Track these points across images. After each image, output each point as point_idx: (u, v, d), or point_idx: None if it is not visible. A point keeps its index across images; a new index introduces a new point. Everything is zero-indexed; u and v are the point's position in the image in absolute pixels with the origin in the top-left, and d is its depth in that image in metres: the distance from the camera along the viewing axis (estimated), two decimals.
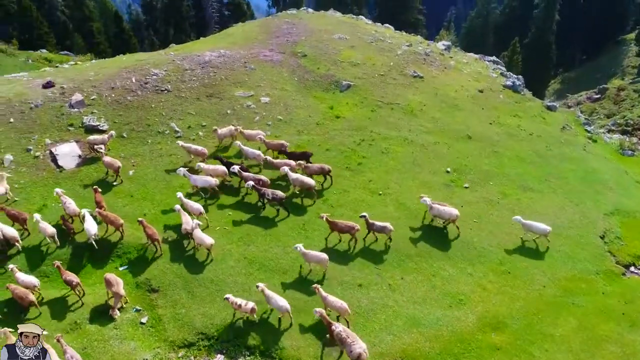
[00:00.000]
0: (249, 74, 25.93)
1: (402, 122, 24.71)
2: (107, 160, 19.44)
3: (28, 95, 22.62)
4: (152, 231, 16.40)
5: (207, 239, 16.30)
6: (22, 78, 24.96)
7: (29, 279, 14.97)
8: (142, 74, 24.49)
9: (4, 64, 44.14)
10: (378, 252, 17.20)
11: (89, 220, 16.62)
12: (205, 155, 20.34)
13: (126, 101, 22.94)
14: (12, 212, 16.95)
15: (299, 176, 19.12)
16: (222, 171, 19.38)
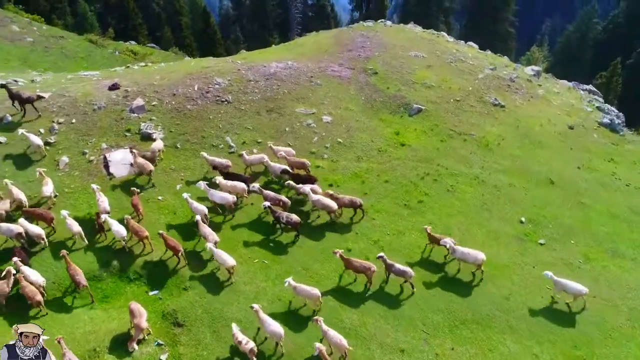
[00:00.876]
0: (314, 90, 24.54)
1: (475, 156, 22.20)
2: (139, 162, 18.92)
3: (93, 96, 22.69)
4: (174, 243, 15.83)
5: (229, 260, 15.44)
6: (92, 77, 25.26)
7: (35, 276, 14.57)
8: (205, 82, 23.86)
9: (93, 55, 45.95)
10: (429, 312, 15.13)
11: (114, 224, 16.21)
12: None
13: (185, 110, 22.37)
14: (38, 212, 16.70)
15: (321, 198, 17.77)
16: (242, 188, 18.19)
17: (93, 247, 16.54)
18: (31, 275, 14.58)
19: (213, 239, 16.17)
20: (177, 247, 15.83)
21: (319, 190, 18.49)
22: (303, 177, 18.99)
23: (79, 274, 14.81)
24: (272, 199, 17.74)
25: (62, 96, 22.64)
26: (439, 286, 16.06)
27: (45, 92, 22.83)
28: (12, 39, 41.37)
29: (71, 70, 41.01)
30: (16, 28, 43.20)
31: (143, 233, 16.19)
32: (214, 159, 19.48)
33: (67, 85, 23.80)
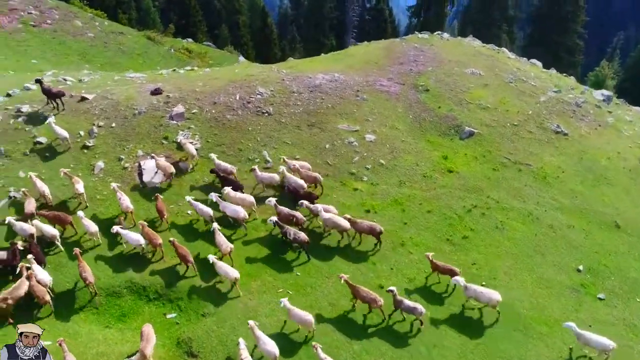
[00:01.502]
0: (359, 105, 23.28)
1: (530, 190, 20.22)
2: (161, 164, 18.66)
3: (136, 100, 22.48)
4: (184, 252, 15.51)
5: (231, 272, 15.04)
6: (138, 80, 25.15)
7: (44, 275, 14.48)
8: (248, 91, 23.14)
9: (150, 52, 46.61)
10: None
11: (129, 234, 15.97)
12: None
13: (225, 120, 21.72)
14: (55, 215, 16.51)
15: (332, 216, 16.85)
16: (250, 202, 17.57)
17: (115, 261, 16.09)
18: (39, 273, 14.48)
19: (227, 247, 15.79)
20: (187, 257, 15.48)
21: (333, 210, 17.59)
22: (301, 195, 18.01)
23: (87, 271, 14.74)
24: (285, 216, 16.96)
25: (106, 98, 22.57)
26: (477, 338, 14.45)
27: (90, 94, 22.87)
28: (74, 33, 42.58)
29: (127, 66, 41.86)
30: (79, 23, 44.46)
31: (157, 240, 15.91)
32: (220, 163, 19.04)
33: (112, 87, 23.75)
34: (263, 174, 18.85)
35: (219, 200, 17.40)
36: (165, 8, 78.31)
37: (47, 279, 14.51)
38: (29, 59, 35.50)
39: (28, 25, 40.51)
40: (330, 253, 16.88)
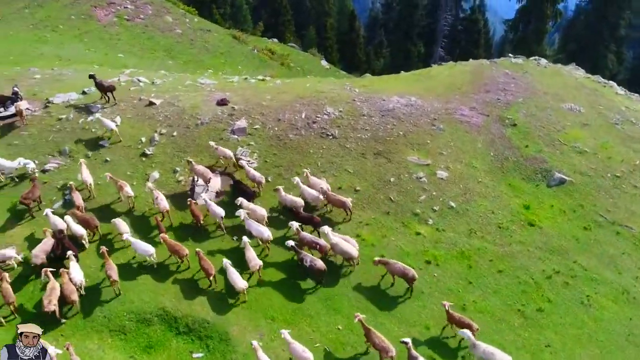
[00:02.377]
0: (434, 136, 21.04)
1: (629, 260, 17.00)
2: (199, 169, 18.17)
3: (200, 109, 21.89)
4: (208, 265, 15.11)
5: (239, 282, 14.79)
6: (207, 87, 24.63)
7: (77, 274, 14.58)
8: (315, 110, 21.74)
9: (233, 51, 46.96)
10: None
11: (136, 243, 15.73)
12: (262, 184, 18.44)
13: (287, 139, 20.49)
14: (85, 217, 16.67)
15: (340, 242, 15.74)
16: (261, 215, 16.94)
17: (150, 284, 15.35)
18: (73, 271, 14.61)
19: (256, 264, 15.34)
20: (210, 270, 15.03)
21: (352, 242, 16.30)
22: (304, 217, 16.90)
23: (112, 269, 14.74)
24: (308, 242, 15.95)
25: (172, 105, 22.21)
26: None
27: (158, 98, 22.64)
28: (163, 29, 43.72)
29: (209, 64, 42.31)
30: (170, 19, 45.67)
31: (183, 251, 15.57)
32: (226, 151, 19.03)
33: (181, 94, 23.39)
34: (287, 196, 17.60)
35: (245, 217, 16.58)
36: (257, 5, 79.58)
37: (78, 278, 14.55)
38: (116, 53, 36.69)
39: (122, 19, 42.08)
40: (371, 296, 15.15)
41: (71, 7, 40.01)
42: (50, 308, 13.71)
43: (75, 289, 14.29)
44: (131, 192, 17.47)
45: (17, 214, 17.42)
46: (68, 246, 15.43)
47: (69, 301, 14.11)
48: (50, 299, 13.78)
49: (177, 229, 17.26)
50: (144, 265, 15.92)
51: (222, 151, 19.21)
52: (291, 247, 15.75)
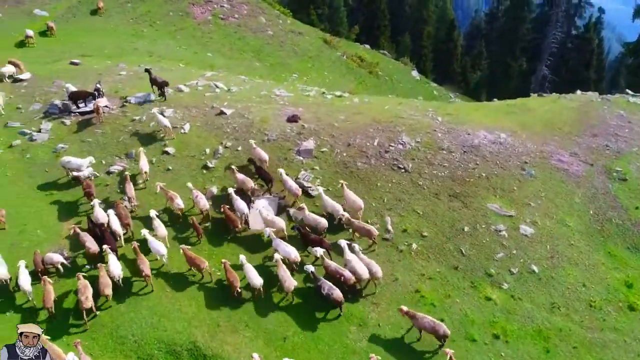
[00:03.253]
0: (522, 182, 18.31)
1: None
2: (239, 177, 17.79)
3: (269, 124, 20.91)
4: (233, 277, 14.74)
5: (255, 279, 14.66)
6: (281, 100, 23.60)
7: (115, 267, 14.68)
8: (389, 137, 19.87)
9: (321, 55, 46.13)
10: None
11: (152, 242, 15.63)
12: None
13: (353, 167, 18.86)
14: (120, 211, 16.74)
15: (354, 260, 14.94)
16: (280, 226, 16.31)
17: (186, 314, 14.51)
18: (112, 265, 14.73)
19: (291, 285, 14.61)
20: (235, 283, 14.68)
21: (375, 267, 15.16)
22: (314, 239, 15.83)
23: (144, 264, 14.88)
24: (332, 272, 14.84)
25: (242, 117, 21.45)
26: None
27: (230, 108, 22.02)
28: (255, 30, 43.80)
29: (295, 68, 41.74)
30: (263, 20, 45.73)
31: (202, 264, 15.13)
32: (257, 150, 18.75)
33: (253, 105, 22.59)
34: (310, 215, 16.59)
35: (273, 236, 15.87)
36: (355, 8, 78.53)
37: (117, 271, 14.67)
38: (206, 52, 37.11)
39: (217, 17, 42.67)
40: None
41: (171, 3, 41.18)
42: (87, 305, 13.84)
43: (110, 284, 14.39)
44: (182, 205, 17.13)
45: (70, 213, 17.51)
46: (108, 240, 15.57)
47: (102, 293, 14.24)
48: (87, 295, 13.91)
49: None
50: (183, 290, 15.15)
51: (259, 153, 18.78)
52: (311, 272, 14.72)
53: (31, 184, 19.01)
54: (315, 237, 15.99)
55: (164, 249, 15.48)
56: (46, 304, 14.04)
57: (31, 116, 22.53)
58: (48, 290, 14.14)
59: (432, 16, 75.14)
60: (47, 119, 22.15)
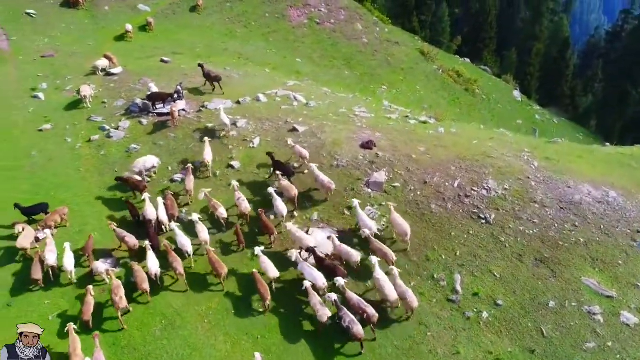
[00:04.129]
0: (630, 256, 15.11)
1: None
2: (283, 184, 17.11)
3: (341, 148, 19.42)
4: (264, 289, 14.17)
5: (271, 271, 14.54)
6: (359, 120, 22.02)
7: (153, 263, 14.61)
8: (472, 179, 17.50)
9: (416, 68, 44.10)
10: None
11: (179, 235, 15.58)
12: (331, 190, 17.22)
13: (426, 210, 16.79)
14: (167, 201, 16.95)
15: (384, 279, 13.90)
16: (306, 243, 15.34)
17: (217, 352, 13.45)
18: (150, 260, 14.70)
19: (324, 314, 13.50)
20: (266, 294, 14.12)
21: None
22: (328, 265, 14.66)
23: (177, 261, 14.78)
24: (354, 305, 13.59)
25: (314, 136, 20.18)
26: None
27: (303, 125, 20.87)
28: (350, 37, 42.55)
29: (386, 80, 39.93)
30: (359, 27, 44.29)
31: (222, 270, 14.70)
32: (297, 148, 18.53)
33: (329, 123, 21.22)
34: (343, 246, 15.23)
35: (298, 258, 15.09)
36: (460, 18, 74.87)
37: (154, 268, 14.57)
38: (295, 57, 36.48)
39: (313, 22, 41.94)
40: None
41: (269, 5, 41.05)
42: (123, 304, 13.68)
43: (146, 278, 14.32)
44: (225, 214, 16.66)
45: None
46: (152, 237, 15.65)
47: (140, 288, 14.19)
48: (120, 295, 13.72)
49: None
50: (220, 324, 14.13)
51: (299, 150, 18.56)
52: (334, 302, 13.62)
53: (99, 182, 19.12)
54: (329, 263, 14.84)
55: (190, 246, 15.38)
56: (84, 316, 13.67)
57: (113, 112, 22.95)
58: (88, 302, 13.78)
59: (545, 32, 69.39)
60: (126, 117, 22.41)
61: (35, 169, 19.80)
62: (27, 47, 28.58)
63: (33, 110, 23.27)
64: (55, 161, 20.19)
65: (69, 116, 22.92)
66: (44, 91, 24.71)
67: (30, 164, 20.03)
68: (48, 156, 20.45)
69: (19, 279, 15.06)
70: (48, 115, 22.89)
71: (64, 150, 20.76)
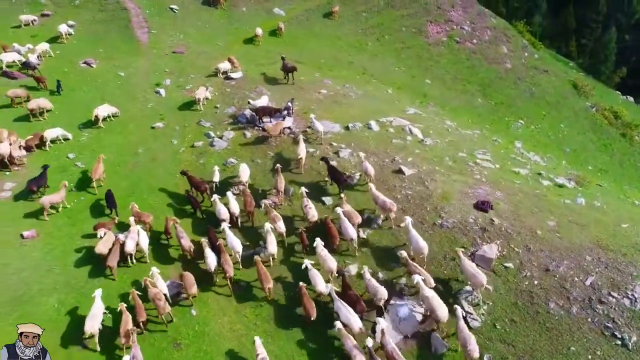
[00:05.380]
0: None
1: None
2: (349, 210, 16.08)
3: (450, 203, 16.55)
4: (310, 305, 13.70)
5: (321, 285, 14.15)
6: (478, 173, 18.78)
7: (211, 259, 14.79)
8: (612, 279, 13.54)
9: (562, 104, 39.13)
10: None
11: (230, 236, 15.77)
12: (392, 211, 15.85)
13: (541, 307, 13.34)
14: (247, 198, 16.99)
15: (434, 297, 12.99)
16: (329, 267, 14.70)
17: None
18: (208, 257, 14.87)
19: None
20: (311, 311, 13.60)
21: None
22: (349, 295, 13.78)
23: (228, 263, 14.71)
24: (388, 354, 12.23)
25: (421, 183, 17.59)
26: None
27: (411, 168, 18.36)
28: (491, 60, 38.70)
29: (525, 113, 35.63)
30: (504, 50, 40.00)
31: (267, 283, 14.39)
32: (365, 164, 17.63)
33: (442, 170, 18.44)
34: (371, 281, 14.07)
35: (332, 292, 13.92)
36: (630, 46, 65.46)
37: (212, 264, 14.73)
38: (424, 77, 34.02)
39: (453, 40, 38.66)
40: None
41: (407, 18, 38.59)
42: (167, 309, 13.63)
43: (195, 283, 14.29)
44: (283, 228, 16.15)
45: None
46: (213, 239, 15.73)
47: (191, 294, 14.23)
48: (163, 300, 13.57)
49: None
50: None
51: (366, 167, 17.54)
52: (368, 349, 12.44)
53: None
54: (352, 293, 13.90)
55: (240, 246, 15.38)
56: (121, 333, 13.06)
57: (222, 119, 22.57)
58: (125, 320, 13.20)
59: None
60: (233, 127, 21.86)
61: (137, 167, 19.99)
62: (162, 42, 29.75)
63: (151, 106, 23.81)
64: (157, 162, 20.23)
65: (181, 116, 23.03)
66: (166, 87, 25.26)
67: (133, 161, 20.29)
68: (152, 156, 20.57)
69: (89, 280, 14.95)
70: (163, 113, 23.23)
71: (168, 152, 20.73)
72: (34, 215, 17.43)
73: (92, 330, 12.92)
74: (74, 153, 20.55)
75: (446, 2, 40.51)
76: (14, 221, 17.21)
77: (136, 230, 15.77)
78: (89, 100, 23.85)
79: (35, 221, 17.25)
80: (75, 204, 18.19)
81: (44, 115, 22.59)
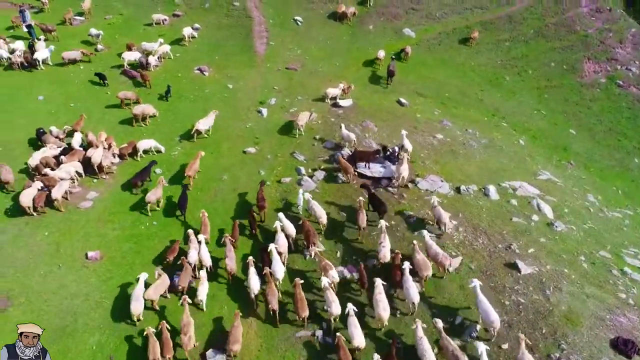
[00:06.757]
0: None
1: None
2: (419, 259, 14.09)
3: (574, 330, 12.42)
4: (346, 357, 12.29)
5: (358, 338, 12.45)
6: (628, 288, 14.03)
7: (255, 282, 14.21)
8: None
9: None
10: None
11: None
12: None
13: None
14: (308, 227, 15.88)
15: (487, 306, 12.17)
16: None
17: None
18: (251, 280, 14.28)
19: None
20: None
21: None
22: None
23: (273, 294, 13.81)
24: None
25: (540, 291, 13.54)
26: None
27: (530, 265, 14.37)
28: None
29: None
30: None
31: (302, 312, 13.51)
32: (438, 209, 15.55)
33: (574, 276, 14.05)
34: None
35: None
36: None
37: (255, 287, 14.24)
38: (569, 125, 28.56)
39: (613, 82, 32.27)
40: None
41: (559, 52, 32.90)
42: (191, 345, 12.92)
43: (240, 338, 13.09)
44: (337, 278, 14.46)
45: None
46: (266, 261, 15.14)
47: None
48: (190, 335, 12.91)
49: None
50: None
51: (439, 213, 15.58)
52: None
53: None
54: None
55: (282, 274, 14.65)
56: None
57: (318, 154, 20.22)
58: (152, 344, 12.58)
59: None
60: (326, 165, 19.39)
61: (217, 197, 18.50)
62: (278, 55, 28.27)
63: (250, 126, 22.32)
64: (237, 194, 18.51)
65: (276, 143, 21.17)
66: (269, 107, 23.64)
67: (215, 189, 18.85)
68: (234, 186, 18.95)
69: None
70: (259, 137, 21.58)
71: (253, 183, 18.90)
72: (103, 235, 16.69)
73: (137, 311, 13.61)
74: (162, 169, 19.70)
75: (612, 36, 33.98)
76: (85, 236, 16.61)
77: (196, 241, 15.68)
78: (192, 110, 23.10)
79: (104, 241, 16.48)
80: (147, 228, 17.15)
81: (147, 120, 22.24)
